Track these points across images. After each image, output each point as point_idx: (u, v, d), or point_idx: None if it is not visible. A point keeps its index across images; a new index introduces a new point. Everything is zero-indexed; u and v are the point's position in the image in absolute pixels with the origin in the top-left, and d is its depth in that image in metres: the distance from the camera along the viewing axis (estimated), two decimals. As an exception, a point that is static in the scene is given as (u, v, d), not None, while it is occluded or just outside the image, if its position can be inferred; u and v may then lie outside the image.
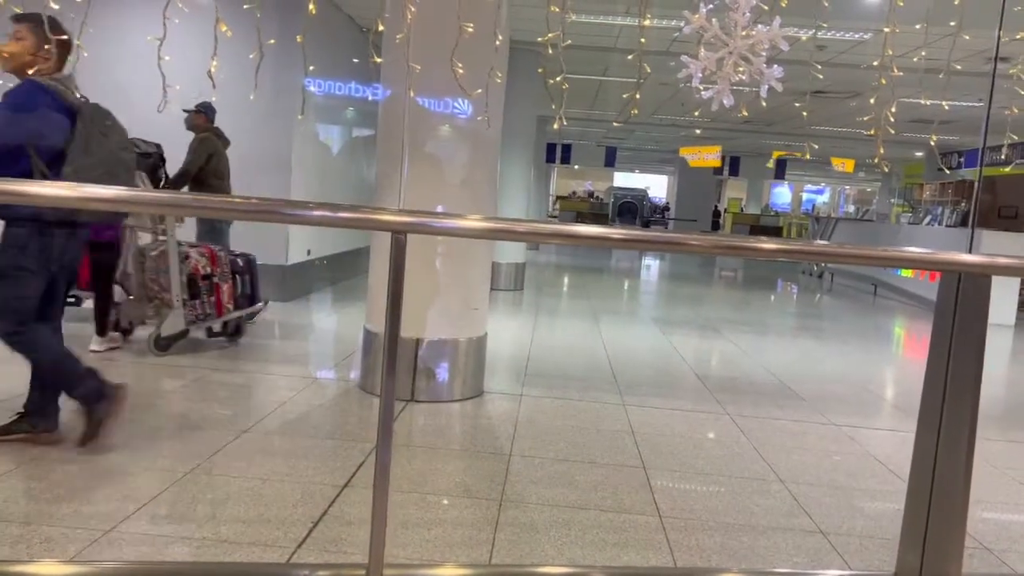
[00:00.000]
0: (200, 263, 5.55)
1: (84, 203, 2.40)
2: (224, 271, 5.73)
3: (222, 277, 5.70)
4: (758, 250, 2.59)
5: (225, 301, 5.70)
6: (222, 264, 5.72)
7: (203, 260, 5.59)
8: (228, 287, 5.73)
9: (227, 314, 5.73)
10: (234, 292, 5.79)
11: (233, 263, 5.85)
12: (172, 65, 3.20)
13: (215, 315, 5.65)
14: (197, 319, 5.53)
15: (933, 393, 2.44)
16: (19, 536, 2.64)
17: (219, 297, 5.64)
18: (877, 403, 5.91)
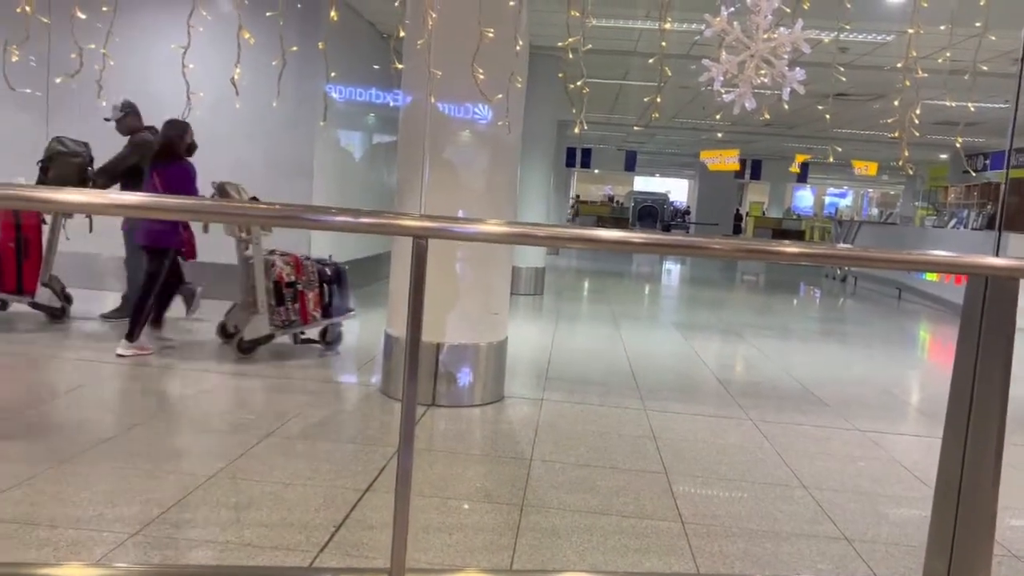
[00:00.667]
0: (284, 271, 5.71)
1: (108, 210, 2.43)
2: (310, 279, 5.85)
3: (307, 285, 5.82)
4: (780, 254, 2.56)
5: (311, 309, 5.81)
6: (308, 272, 5.85)
7: (287, 268, 5.73)
8: (314, 295, 5.84)
9: (313, 322, 5.85)
10: (321, 300, 5.89)
11: (321, 272, 5.95)
12: (196, 72, 3.23)
13: (300, 322, 5.78)
14: (281, 325, 5.67)
15: (960, 398, 2.41)
16: (46, 539, 2.67)
17: (304, 304, 5.78)
18: (902, 408, 5.84)
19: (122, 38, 3.41)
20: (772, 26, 3.01)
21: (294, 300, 5.72)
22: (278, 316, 5.63)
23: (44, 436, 3.74)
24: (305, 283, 5.79)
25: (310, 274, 5.84)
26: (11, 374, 4.79)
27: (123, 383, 4.83)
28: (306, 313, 5.77)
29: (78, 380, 4.82)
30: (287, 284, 5.70)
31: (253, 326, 5.57)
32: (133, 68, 7.70)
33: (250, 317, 5.66)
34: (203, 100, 3.49)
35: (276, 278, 5.63)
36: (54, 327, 6.19)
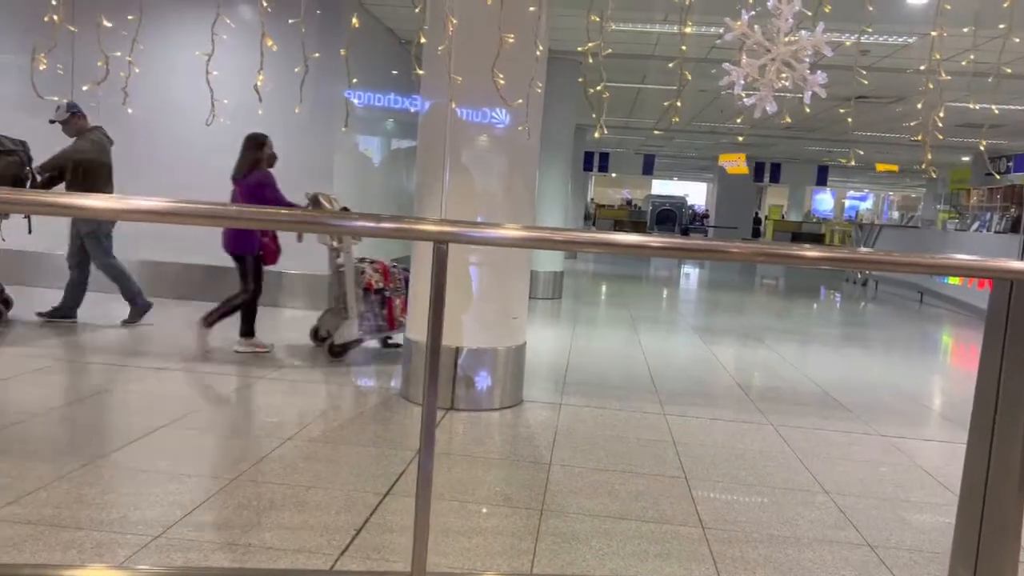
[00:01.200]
0: (373, 278, 5.95)
1: (128, 215, 2.45)
2: (397, 286, 6.08)
3: (395, 292, 6.06)
4: (800, 258, 2.55)
5: (397, 315, 6.04)
6: (395, 279, 6.08)
7: (376, 275, 5.98)
8: (401, 301, 6.04)
9: (399, 327, 6.04)
10: (407, 306, 5.91)
11: (407, 279, 6.04)
12: (219, 79, 3.27)
13: (387, 327, 6.02)
14: (371, 329, 5.92)
15: (985, 403, 2.39)
16: (71, 541, 2.70)
17: (391, 310, 6.01)
18: (925, 413, 5.78)
19: (147, 46, 3.45)
20: (793, 29, 3.00)
21: (382, 306, 5.96)
22: (367, 321, 5.88)
23: (70, 439, 3.79)
24: (392, 290, 6.04)
25: (397, 281, 6.08)
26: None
27: (127, 386, 4.88)
28: (392, 318, 6.03)
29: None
30: (376, 291, 5.94)
31: (343, 331, 5.82)
32: (158, 75, 7.79)
33: (340, 322, 5.88)
34: (227, 106, 3.52)
35: (366, 285, 5.88)
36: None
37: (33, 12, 3.44)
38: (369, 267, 5.96)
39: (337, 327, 5.96)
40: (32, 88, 3.03)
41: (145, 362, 5.33)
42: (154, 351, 5.75)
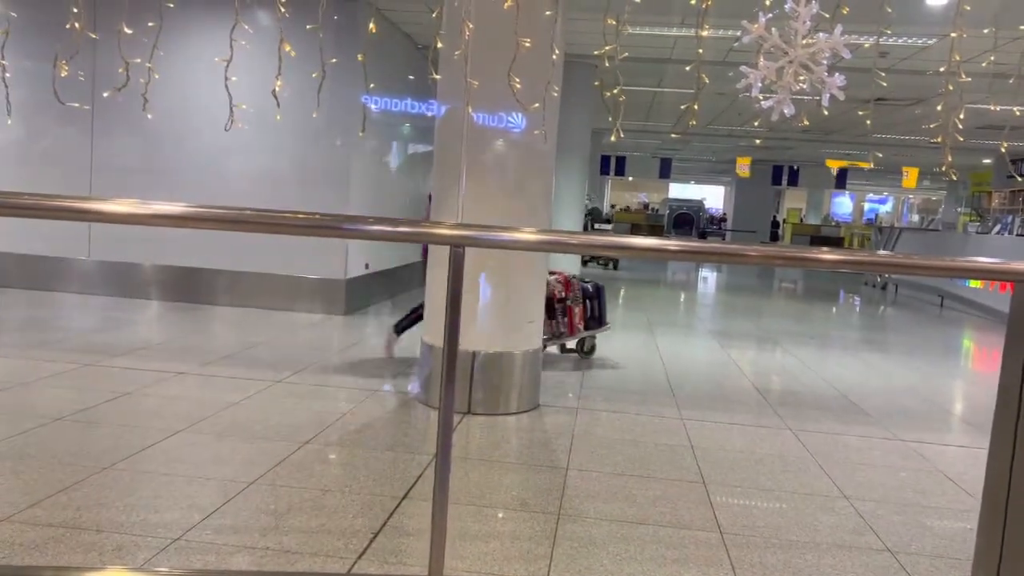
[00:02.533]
0: (556, 288, 6.37)
1: (150, 220, 2.48)
2: (576, 295, 6.50)
3: (574, 301, 6.47)
4: (819, 261, 2.54)
5: (576, 322, 6.47)
6: (575, 289, 6.51)
7: (559, 286, 6.40)
8: (580, 310, 6.50)
9: (578, 333, 6.52)
10: (585, 314, 6.55)
11: (584, 289, 6.60)
12: (238, 85, 3.29)
13: (567, 333, 6.45)
14: (552, 336, 6.32)
15: (1007, 407, 2.35)
16: (91, 543, 2.73)
17: (571, 318, 6.43)
18: (946, 418, 5.72)
19: (167, 52, 3.48)
20: (811, 32, 2.99)
21: (564, 314, 6.39)
22: (549, 328, 6.25)
23: (95, 441, 3.82)
24: (572, 299, 6.46)
25: (576, 291, 6.51)
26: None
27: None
28: (572, 326, 6.45)
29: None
30: (558, 300, 6.35)
31: None
32: (178, 81, 7.87)
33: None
34: (245, 112, 3.55)
35: (549, 294, 6.20)
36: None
37: (56, 20, 3.48)
38: (552, 278, 6.36)
39: None
40: (54, 94, 3.07)
41: (165, 366, 5.37)
42: (173, 355, 5.79)
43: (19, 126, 8.33)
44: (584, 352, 6.75)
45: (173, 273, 8.29)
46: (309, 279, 8.18)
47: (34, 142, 8.37)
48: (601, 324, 6.78)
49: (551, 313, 6.27)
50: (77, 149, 8.32)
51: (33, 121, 8.35)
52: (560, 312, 6.37)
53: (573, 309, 6.45)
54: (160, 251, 8.26)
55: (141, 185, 8.10)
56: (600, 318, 6.77)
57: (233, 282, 8.24)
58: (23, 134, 8.38)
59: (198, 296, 8.24)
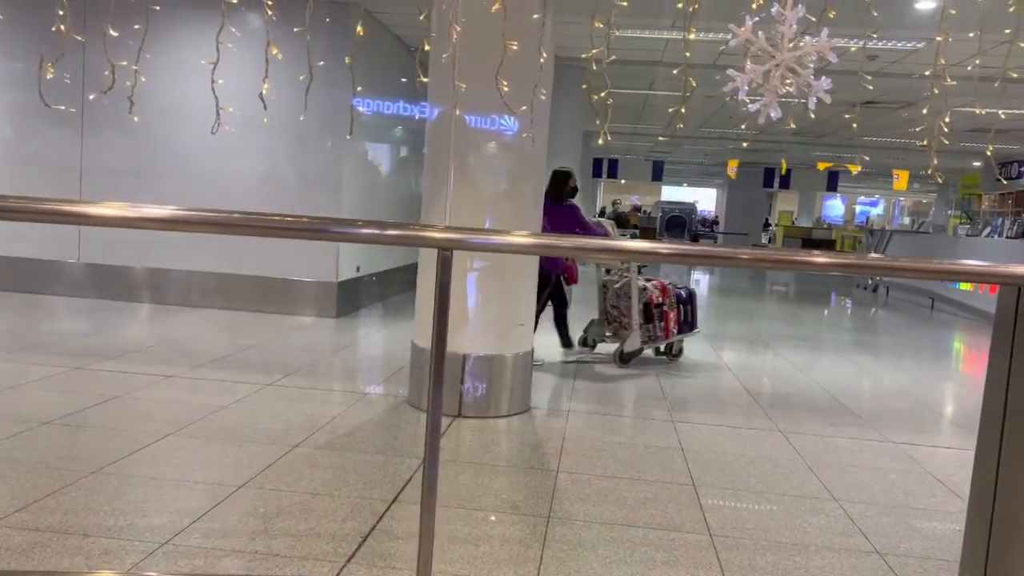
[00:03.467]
0: (654, 294, 6.74)
1: (139, 223, 2.47)
2: (672, 301, 6.86)
3: (670, 306, 6.83)
4: (810, 264, 2.54)
5: (671, 326, 6.82)
6: (670, 295, 6.85)
7: (656, 292, 6.77)
8: (674, 314, 6.86)
9: (671, 337, 6.87)
10: (679, 318, 6.91)
11: (678, 295, 6.94)
12: (225, 87, 3.28)
13: (663, 337, 6.81)
14: (649, 339, 6.71)
15: (993, 409, 2.37)
16: (79, 548, 2.71)
17: (667, 323, 6.80)
18: (936, 420, 5.75)
19: (153, 55, 3.47)
20: (797, 35, 3.00)
21: (660, 319, 6.75)
22: (646, 332, 6.67)
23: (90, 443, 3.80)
24: (668, 304, 6.82)
25: (671, 297, 6.85)
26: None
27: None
28: (668, 329, 6.80)
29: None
30: (655, 305, 6.72)
31: (630, 341, 6.58)
32: (164, 84, 7.85)
33: (626, 334, 6.67)
34: (232, 114, 3.54)
35: (647, 300, 6.69)
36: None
37: (42, 22, 3.47)
38: (650, 285, 6.78)
39: (602, 336, 6.98)
40: (40, 97, 3.06)
41: (155, 369, 5.35)
42: (163, 359, 5.77)
43: (7, 128, 8.30)
44: (672, 355, 7.01)
45: (163, 276, 8.27)
46: (300, 282, 8.17)
47: (23, 145, 8.34)
48: (692, 328, 7.15)
49: (648, 317, 6.68)
50: (66, 152, 8.29)
51: (21, 123, 8.31)
52: (657, 316, 6.73)
53: (668, 314, 6.80)
54: (150, 254, 8.23)
55: (131, 188, 8.08)
56: (692, 322, 7.13)
57: (224, 285, 8.22)
58: (11, 136, 8.35)
59: (188, 299, 8.22)
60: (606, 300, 6.89)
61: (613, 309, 6.85)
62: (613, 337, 6.85)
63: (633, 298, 6.59)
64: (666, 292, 6.82)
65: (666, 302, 6.78)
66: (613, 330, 6.86)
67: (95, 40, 3.41)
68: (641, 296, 6.65)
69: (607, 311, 6.90)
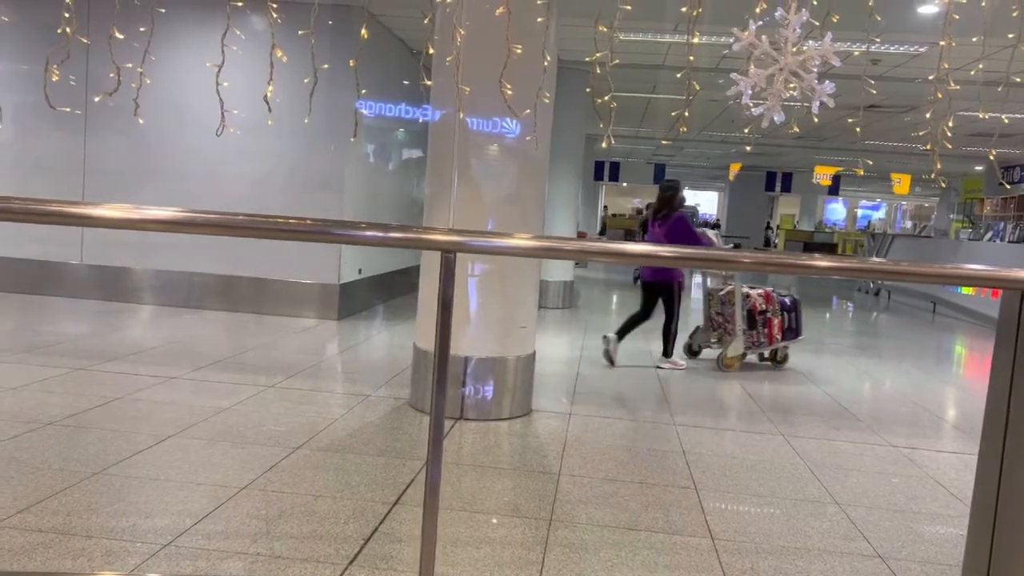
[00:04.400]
0: (758, 301, 7.02)
1: (142, 225, 2.47)
2: (775, 308, 7.10)
3: (774, 313, 7.08)
4: (812, 267, 2.54)
5: (775, 333, 7.07)
6: (774, 302, 7.10)
7: (760, 299, 7.05)
8: (778, 321, 7.10)
9: (775, 343, 7.11)
10: (783, 326, 7.12)
11: (782, 302, 7.16)
12: (230, 90, 3.29)
13: (767, 343, 7.07)
14: (753, 345, 7.01)
15: (996, 413, 2.37)
16: (81, 549, 2.72)
17: (771, 329, 7.06)
18: (938, 424, 5.74)
19: (158, 57, 3.48)
20: (801, 39, 3.00)
21: (764, 325, 7.01)
22: (750, 338, 6.98)
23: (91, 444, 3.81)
24: (772, 311, 7.06)
25: (775, 304, 7.09)
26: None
27: (157, 395, 4.92)
28: (771, 336, 7.06)
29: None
30: (759, 312, 6.99)
31: (733, 346, 6.90)
32: (169, 86, 7.86)
33: (730, 339, 6.97)
34: (236, 117, 3.55)
35: (750, 307, 6.97)
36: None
37: (47, 24, 3.48)
38: (754, 292, 7.04)
39: (707, 342, 7.29)
40: (45, 99, 3.07)
41: (157, 371, 5.35)
42: (165, 360, 5.78)
43: (12, 130, 8.32)
44: (777, 361, 7.21)
45: (166, 278, 8.28)
46: (303, 284, 8.18)
47: (27, 146, 8.35)
48: (797, 335, 7.27)
49: (752, 324, 6.96)
50: (70, 153, 8.31)
51: (26, 125, 8.33)
52: (760, 323, 6.99)
53: (772, 321, 7.04)
54: (153, 256, 8.25)
55: (134, 190, 8.09)
56: (796, 329, 7.26)
57: (226, 287, 8.23)
58: (16, 138, 8.36)
59: (191, 301, 8.23)
60: (711, 307, 7.25)
61: (717, 316, 7.18)
62: (718, 343, 7.18)
63: (737, 305, 6.92)
64: (770, 299, 7.08)
65: (770, 309, 7.04)
66: (717, 336, 7.19)
67: (100, 42, 3.41)
68: (744, 303, 6.96)
69: (712, 318, 7.24)
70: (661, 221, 6.92)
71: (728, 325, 7.04)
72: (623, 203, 40.39)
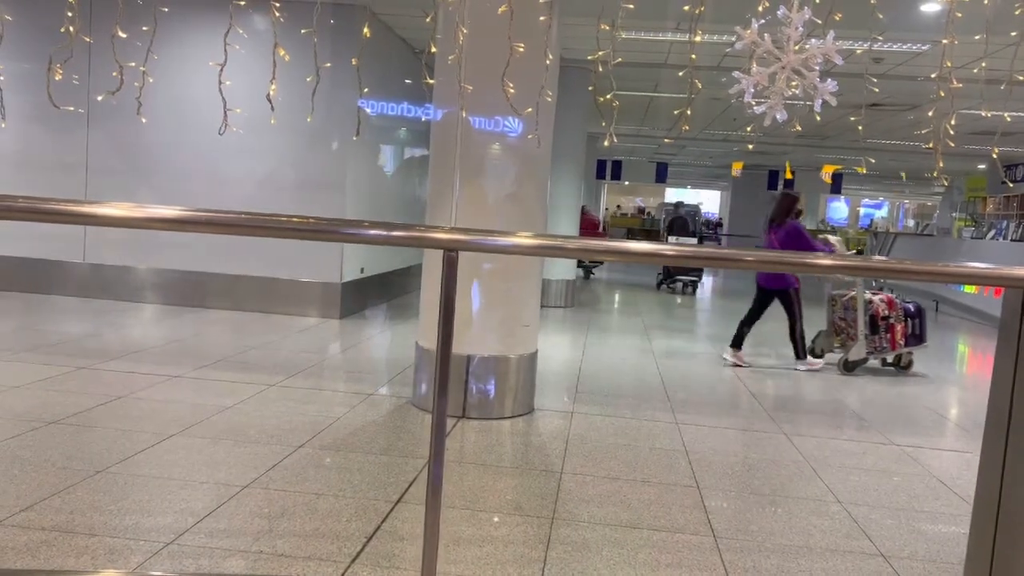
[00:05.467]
0: (880, 307, 7.14)
1: (145, 224, 2.48)
2: (899, 314, 7.22)
3: (897, 319, 7.19)
4: (815, 266, 2.54)
5: (898, 338, 7.19)
6: (897, 309, 7.24)
7: (883, 305, 7.16)
8: (901, 327, 7.20)
9: (899, 349, 7.23)
10: (906, 332, 7.22)
11: (906, 309, 7.29)
12: (232, 89, 3.29)
13: (889, 349, 7.19)
14: (875, 350, 7.13)
15: (998, 411, 2.36)
16: (84, 547, 2.72)
17: (893, 335, 7.16)
18: (940, 423, 5.73)
19: (161, 56, 3.48)
20: (803, 38, 3.00)
21: (886, 331, 7.13)
22: (872, 343, 7.09)
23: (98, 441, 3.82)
24: (895, 317, 7.17)
25: (899, 310, 7.22)
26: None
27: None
28: (894, 342, 7.17)
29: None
30: (882, 318, 7.11)
31: (855, 350, 7.05)
32: (171, 85, 7.87)
33: (852, 344, 7.11)
34: (239, 115, 3.55)
35: (873, 312, 7.11)
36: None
37: (50, 23, 3.48)
38: (877, 298, 7.17)
39: (830, 346, 7.41)
40: (48, 98, 3.07)
41: (160, 369, 5.36)
42: (168, 359, 5.79)
43: (15, 129, 8.32)
44: (901, 367, 7.33)
45: (168, 276, 8.28)
46: (305, 283, 8.18)
47: (30, 145, 8.36)
48: (921, 341, 7.36)
49: (874, 329, 7.07)
50: (73, 152, 8.32)
51: (29, 124, 8.34)
52: (883, 329, 7.10)
53: (895, 327, 7.15)
54: (155, 255, 8.25)
55: (137, 188, 8.10)
56: (920, 335, 7.36)
57: (228, 286, 8.23)
58: (19, 137, 8.37)
59: (193, 300, 8.24)
60: (834, 312, 7.41)
61: (840, 321, 7.33)
62: (840, 347, 7.29)
63: (859, 310, 7.05)
64: (893, 306, 7.20)
65: (893, 315, 7.15)
66: (840, 341, 7.32)
67: (103, 41, 3.42)
68: (867, 309, 7.09)
69: (834, 323, 7.39)
70: (776, 228, 7.23)
71: (850, 330, 7.19)
72: (624, 201, 40.35)
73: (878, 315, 7.11)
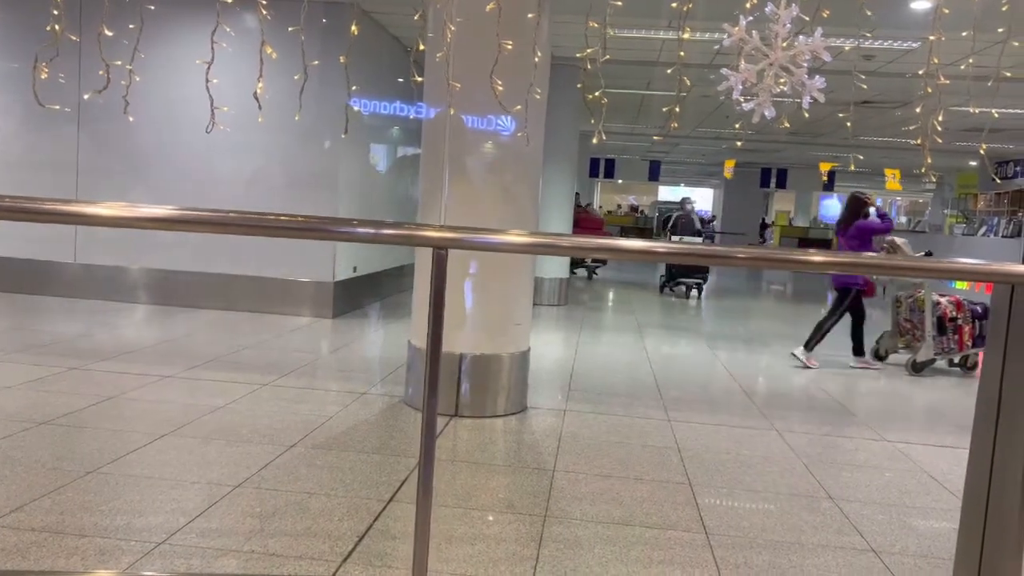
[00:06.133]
0: (948, 308, 7.22)
1: (137, 223, 2.47)
2: (967, 315, 7.27)
3: (964, 320, 7.24)
4: (807, 263, 2.55)
5: (965, 340, 7.25)
6: (965, 310, 7.29)
7: (951, 306, 7.25)
8: (969, 328, 7.26)
9: (966, 350, 7.29)
10: (974, 333, 7.27)
11: (973, 310, 7.34)
12: (220, 87, 3.29)
13: (956, 350, 7.26)
14: (942, 351, 7.21)
15: (987, 408, 2.38)
16: (75, 548, 2.71)
17: (961, 336, 7.24)
18: (932, 419, 5.76)
19: (148, 54, 3.47)
20: (791, 35, 3.01)
21: (954, 332, 7.20)
22: (939, 344, 7.17)
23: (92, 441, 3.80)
24: (963, 319, 7.24)
25: (966, 312, 7.28)
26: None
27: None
28: (961, 343, 7.24)
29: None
30: (950, 319, 7.19)
31: (923, 351, 7.13)
32: (159, 83, 7.84)
33: (919, 345, 7.21)
34: (228, 114, 3.54)
35: (941, 314, 7.18)
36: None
37: (36, 22, 3.47)
38: (944, 300, 7.25)
39: (895, 347, 7.54)
40: (35, 97, 3.06)
41: (151, 369, 5.34)
42: (159, 359, 5.77)
43: (4, 128, 8.29)
44: (967, 367, 7.38)
45: (160, 276, 8.26)
46: (297, 282, 8.16)
47: (19, 145, 8.33)
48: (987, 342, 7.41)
49: (942, 330, 7.15)
50: (63, 152, 8.28)
51: (18, 123, 8.30)
52: (951, 330, 7.18)
53: (963, 328, 7.23)
54: (147, 254, 8.22)
55: (127, 188, 8.07)
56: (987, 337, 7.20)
57: (220, 285, 8.21)
58: (8, 136, 8.33)
59: (185, 299, 8.21)
60: (899, 314, 7.49)
61: (906, 322, 7.41)
62: (906, 348, 7.40)
63: (926, 311, 7.13)
64: (961, 307, 7.27)
65: (960, 316, 7.22)
66: (906, 342, 7.41)
67: (90, 40, 3.40)
68: (935, 310, 7.17)
69: (900, 324, 7.47)
70: (844, 230, 7.42)
71: (916, 331, 7.26)
72: (617, 199, 40.38)
73: (946, 316, 7.18)
